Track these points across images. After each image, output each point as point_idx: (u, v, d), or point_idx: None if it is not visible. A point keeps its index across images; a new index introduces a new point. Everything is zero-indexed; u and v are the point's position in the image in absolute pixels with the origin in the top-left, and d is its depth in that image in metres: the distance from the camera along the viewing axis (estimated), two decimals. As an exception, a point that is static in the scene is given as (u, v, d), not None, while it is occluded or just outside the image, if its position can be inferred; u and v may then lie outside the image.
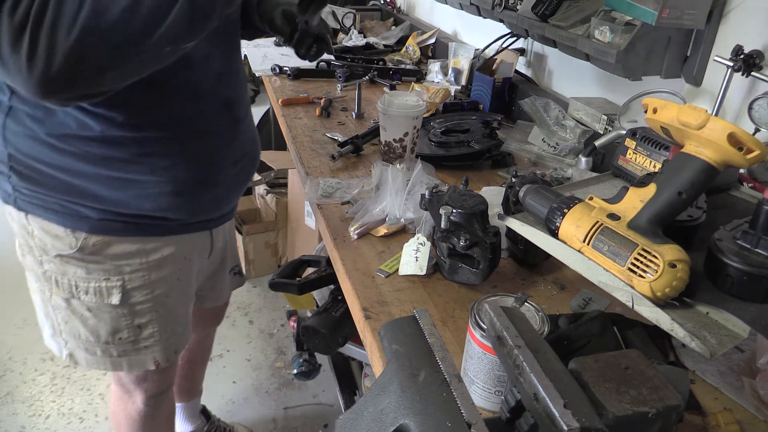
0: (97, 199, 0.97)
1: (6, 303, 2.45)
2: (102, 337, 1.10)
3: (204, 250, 1.22)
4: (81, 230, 0.99)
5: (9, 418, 1.92)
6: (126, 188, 0.97)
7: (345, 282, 0.99)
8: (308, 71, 2.12)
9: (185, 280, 1.16)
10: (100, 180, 0.95)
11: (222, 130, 1.05)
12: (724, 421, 0.68)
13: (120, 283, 1.05)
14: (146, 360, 1.15)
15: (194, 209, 1.08)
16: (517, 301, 0.68)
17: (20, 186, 0.98)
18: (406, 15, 3.09)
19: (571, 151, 1.48)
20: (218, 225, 1.20)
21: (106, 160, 0.94)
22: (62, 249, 1.01)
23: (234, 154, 1.09)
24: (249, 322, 2.44)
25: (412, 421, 0.49)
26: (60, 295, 1.07)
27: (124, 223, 1.01)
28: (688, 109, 0.70)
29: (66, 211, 0.98)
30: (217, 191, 1.10)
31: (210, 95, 1.01)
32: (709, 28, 1.20)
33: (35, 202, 0.99)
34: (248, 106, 1.17)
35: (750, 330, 0.67)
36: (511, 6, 1.53)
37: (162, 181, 0.99)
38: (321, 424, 1.96)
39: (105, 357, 1.13)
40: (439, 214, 0.91)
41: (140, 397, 1.27)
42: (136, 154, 0.95)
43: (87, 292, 1.05)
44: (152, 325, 1.12)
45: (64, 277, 1.04)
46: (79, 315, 1.08)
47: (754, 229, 0.71)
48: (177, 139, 0.98)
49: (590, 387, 0.51)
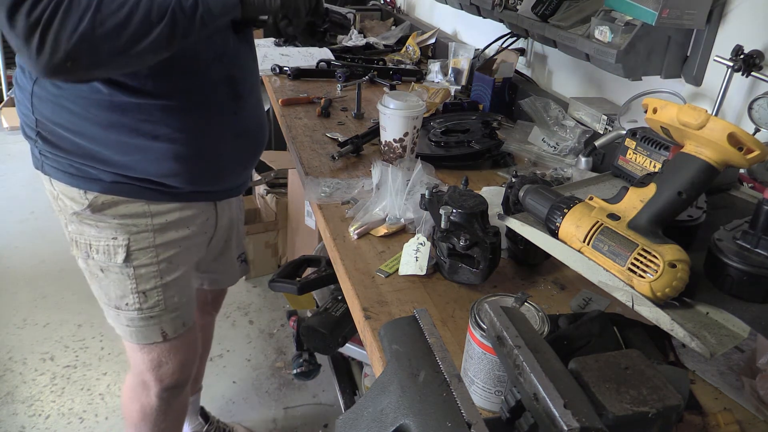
0: (108, 163, 1.05)
1: (6, 303, 2.45)
2: (113, 300, 1.18)
3: (209, 225, 1.25)
4: (93, 191, 1.08)
5: (9, 418, 1.92)
6: (131, 153, 1.05)
7: (345, 282, 0.99)
8: (308, 71, 2.12)
9: (188, 250, 1.21)
10: (109, 144, 1.03)
11: (221, 103, 1.11)
12: (724, 421, 0.68)
13: (126, 243, 1.12)
14: (154, 331, 1.21)
15: (195, 178, 1.13)
16: (517, 301, 0.68)
17: (45, 150, 1.08)
18: (406, 15, 3.09)
19: (571, 151, 1.48)
20: (222, 198, 1.25)
21: (114, 125, 1.02)
22: (76, 208, 1.10)
23: (234, 127, 1.14)
24: (249, 322, 2.44)
25: (412, 421, 0.49)
26: (80, 256, 1.16)
27: (132, 185, 1.08)
28: (688, 109, 0.70)
29: (81, 174, 1.07)
30: (218, 163, 1.15)
31: (211, 71, 1.07)
32: (709, 28, 1.20)
33: (56, 166, 1.08)
34: (255, 86, 1.22)
35: (750, 330, 0.67)
36: (511, 6, 1.53)
37: (163, 147, 1.05)
38: (321, 424, 1.96)
39: (118, 324, 1.21)
40: (439, 214, 0.91)
41: (155, 389, 1.30)
42: (140, 121, 1.02)
43: (98, 251, 1.13)
44: (157, 293, 1.18)
45: (81, 237, 1.13)
46: (96, 275, 1.17)
47: (754, 229, 0.71)
48: (178, 109, 1.04)
49: (590, 387, 0.51)
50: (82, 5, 0.82)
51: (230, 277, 1.53)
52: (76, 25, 0.82)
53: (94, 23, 0.83)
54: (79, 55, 0.84)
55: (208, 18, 0.91)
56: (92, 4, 0.83)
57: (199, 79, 1.06)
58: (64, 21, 0.82)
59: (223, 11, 0.93)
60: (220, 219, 1.28)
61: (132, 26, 0.86)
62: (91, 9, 0.83)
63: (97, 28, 0.83)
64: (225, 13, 0.94)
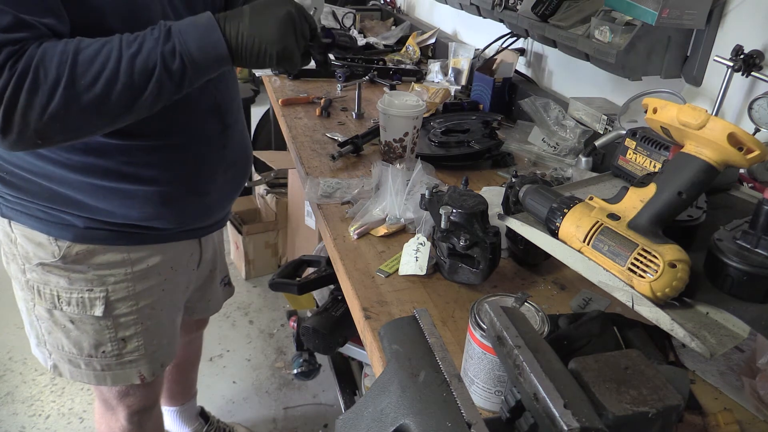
0: (82, 208, 0.95)
1: (6, 303, 2.45)
2: (85, 349, 1.07)
3: (192, 261, 1.19)
4: (65, 239, 0.97)
5: (9, 418, 1.92)
6: (111, 197, 0.95)
7: (345, 282, 0.99)
8: (308, 71, 2.11)
9: (172, 292, 1.14)
10: (83, 188, 0.93)
11: (210, 137, 1.03)
12: (724, 421, 0.68)
13: (103, 295, 1.02)
14: (131, 374, 1.12)
15: (183, 218, 1.06)
16: (517, 301, 0.68)
17: (4, 192, 0.97)
18: (406, 15, 3.09)
19: (571, 151, 1.48)
20: (208, 233, 1.17)
21: (90, 169, 0.92)
22: (44, 257, 0.98)
23: (224, 161, 1.07)
24: (249, 322, 2.44)
25: (412, 421, 0.49)
26: (43, 306, 1.04)
27: (110, 231, 0.98)
28: (688, 109, 0.70)
29: (50, 219, 0.96)
30: (207, 199, 1.08)
31: (199, 101, 0.99)
32: (709, 28, 1.20)
33: (18, 209, 0.97)
34: (239, 112, 1.13)
35: (750, 330, 0.67)
36: (511, 6, 1.53)
37: (149, 191, 0.96)
38: (321, 424, 1.96)
39: (88, 370, 1.09)
40: (439, 214, 0.91)
41: (123, 414, 1.22)
42: (122, 163, 0.93)
43: (69, 303, 1.02)
44: (137, 338, 1.09)
45: (46, 286, 1.01)
46: (62, 326, 1.05)
47: (754, 229, 0.71)
48: (165, 148, 0.96)
49: (590, 387, 0.51)
50: (49, 80, 0.71)
51: (214, 305, 1.45)
52: (45, 103, 0.72)
53: (68, 100, 0.73)
54: (51, 133, 0.75)
55: (196, 78, 0.82)
56: (62, 77, 0.72)
57: (186, 113, 0.97)
58: (31, 99, 0.71)
59: (211, 69, 0.83)
60: (204, 253, 1.22)
61: (112, 99, 0.75)
62: (61, 83, 0.72)
63: (72, 105, 0.73)
64: (214, 70, 0.84)
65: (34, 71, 0.71)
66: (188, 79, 0.80)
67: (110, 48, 0.75)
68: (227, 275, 1.48)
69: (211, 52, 0.80)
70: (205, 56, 0.80)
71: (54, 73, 0.72)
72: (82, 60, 0.73)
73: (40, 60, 0.71)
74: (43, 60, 0.72)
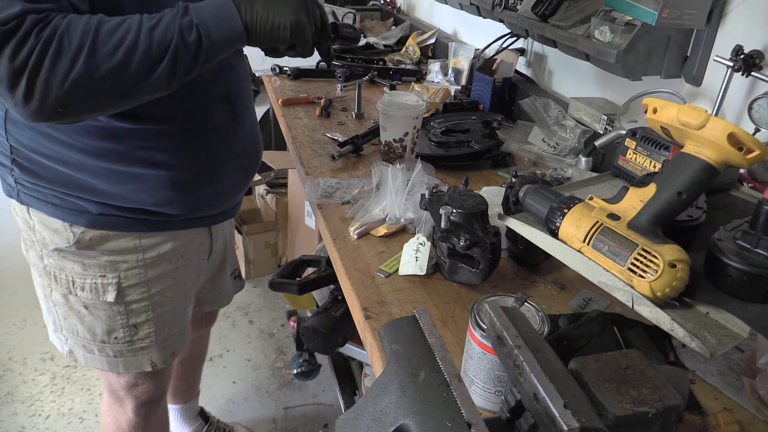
0: (97, 193, 0.98)
1: (6, 303, 2.45)
2: (98, 335, 1.10)
3: (203, 251, 1.21)
4: (79, 224, 1.00)
5: (9, 418, 1.92)
6: (125, 182, 0.97)
7: (345, 282, 0.99)
8: (308, 71, 2.12)
9: (183, 280, 1.16)
10: (98, 173, 0.96)
11: (221, 125, 1.05)
12: (724, 421, 0.68)
13: (116, 281, 1.05)
14: (143, 361, 1.14)
15: (193, 204, 1.07)
16: (517, 301, 0.68)
17: (22, 179, 0.99)
18: (406, 15, 3.09)
19: (571, 151, 1.48)
20: (218, 222, 1.19)
21: (105, 153, 0.94)
22: (60, 243, 1.01)
23: (234, 148, 1.09)
24: (249, 322, 2.44)
25: (412, 421, 0.49)
26: (59, 291, 1.07)
27: (123, 218, 1.01)
28: (688, 109, 0.70)
29: (65, 205, 0.99)
30: (217, 186, 1.10)
31: (210, 90, 1.01)
32: (709, 28, 1.20)
33: (36, 196, 0.99)
34: (249, 101, 1.16)
35: (750, 330, 0.67)
36: (511, 6, 1.53)
37: (161, 175, 0.99)
38: (321, 424, 1.96)
39: (102, 356, 1.12)
40: (439, 214, 0.91)
41: (131, 405, 1.25)
42: (135, 147, 0.95)
43: (83, 289, 1.05)
44: (148, 325, 1.11)
45: (62, 272, 1.05)
46: (77, 312, 1.08)
47: (754, 229, 0.71)
48: (176, 133, 0.98)
49: (590, 387, 0.51)
50: (73, 46, 0.74)
51: (225, 297, 1.46)
52: (68, 69, 0.74)
53: (89, 67, 0.75)
54: (72, 101, 0.77)
55: (212, 53, 0.83)
56: (85, 45, 0.75)
57: (197, 100, 0.99)
58: (55, 65, 0.73)
59: (227, 43, 0.85)
60: (215, 243, 1.24)
61: (131, 68, 0.78)
62: (84, 51, 0.74)
63: (93, 72, 0.75)
64: (229, 45, 0.86)
65: (59, 39, 0.74)
66: (204, 53, 0.82)
67: (131, 22, 0.79)
68: (237, 268, 1.49)
69: (226, 25, 0.83)
70: (220, 29, 0.82)
71: (78, 41, 0.74)
72: (104, 30, 0.77)
73: (65, 29, 0.74)
74: (68, 29, 0.75)
